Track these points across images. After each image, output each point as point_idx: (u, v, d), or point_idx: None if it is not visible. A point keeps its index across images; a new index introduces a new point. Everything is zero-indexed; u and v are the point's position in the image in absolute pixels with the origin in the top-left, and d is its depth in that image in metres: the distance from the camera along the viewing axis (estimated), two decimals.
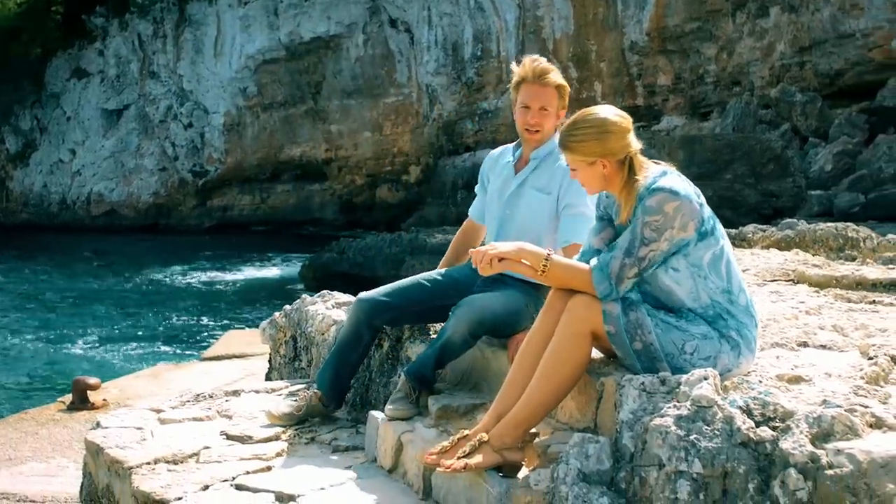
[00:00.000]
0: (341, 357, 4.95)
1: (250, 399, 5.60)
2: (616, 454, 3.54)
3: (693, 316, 3.84)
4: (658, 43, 33.11)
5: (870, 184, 21.62)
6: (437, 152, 40.13)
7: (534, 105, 4.79)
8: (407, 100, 40.93)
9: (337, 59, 42.13)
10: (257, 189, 45.70)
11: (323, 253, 29.54)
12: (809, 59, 29.05)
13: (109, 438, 4.85)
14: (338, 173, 43.65)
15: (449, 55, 39.18)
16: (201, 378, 11.28)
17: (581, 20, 35.22)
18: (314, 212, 44.40)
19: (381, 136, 41.89)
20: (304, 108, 43.61)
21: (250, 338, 14.83)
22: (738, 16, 31.05)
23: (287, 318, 6.93)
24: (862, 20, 27.55)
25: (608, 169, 3.87)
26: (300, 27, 42.20)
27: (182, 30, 45.52)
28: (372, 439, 4.57)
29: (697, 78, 32.46)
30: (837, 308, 5.52)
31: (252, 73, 43.81)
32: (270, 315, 7.37)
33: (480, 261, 3.85)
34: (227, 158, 45.13)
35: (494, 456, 3.75)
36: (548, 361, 3.77)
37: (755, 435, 3.27)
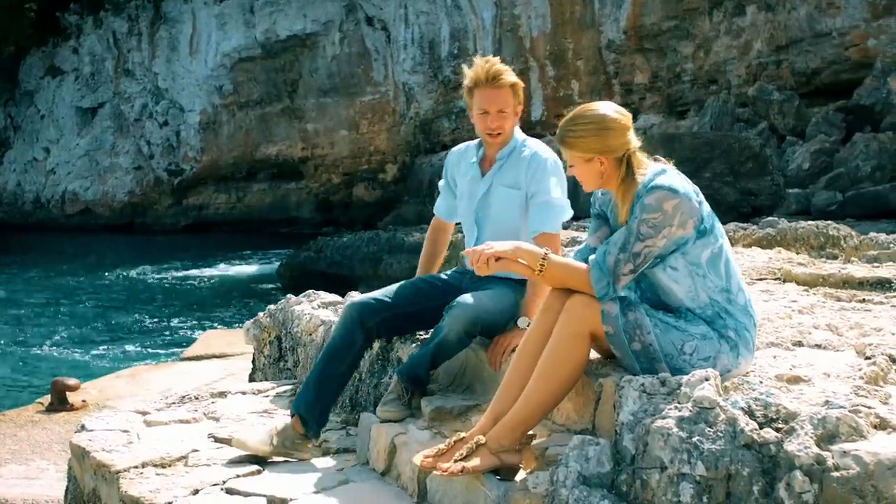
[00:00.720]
0: (328, 367, 4.66)
1: (236, 401, 5.53)
2: (616, 456, 3.48)
3: (692, 316, 3.80)
4: (635, 41, 33.15)
5: (847, 182, 21.66)
6: (414, 151, 40.05)
7: (492, 109, 4.71)
8: (383, 98, 40.82)
9: (313, 58, 41.97)
10: (233, 188, 45.47)
11: (300, 252, 29.39)
12: (786, 57, 29.14)
13: (95, 441, 4.76)
14: (314, 172, 43.49)
15: (426, 53, 39.11)
16: (181, 378, 11.18)
17: (558, 18, 35.22)
18: (290, 211, 44.22)
19: (357, 135, 41.76)
20: (280, 106, 43.42)
21: (230, 337, 14.74)
22: (714, 14, 31.12)
23: (272, 319, 6.86)
24: (838, 19, 27.66)
25: (605, 166, 3.82)
26: (276, 25, 42.00)
27: (157, 27, 45.24)
28: (364, 441, 4.50)
29: (674, 76, 32.51)
30: (830, 307, 5.49)
31: (228, 72, 43.58)
32: (249, 315, 7.29)
33: (477, 261, 3.79)
34: (203, 157, 44.88)
35: (492, 459, 3.69)
36: (546, 362, 3.71)
37: (759, 437, 3.22)
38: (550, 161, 4.76)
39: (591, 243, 4.00)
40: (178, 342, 19.53)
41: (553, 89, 35.94)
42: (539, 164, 4.73)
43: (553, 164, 4.75)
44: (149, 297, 27.50)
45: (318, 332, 5.70)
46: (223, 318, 23.18)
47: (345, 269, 27.47)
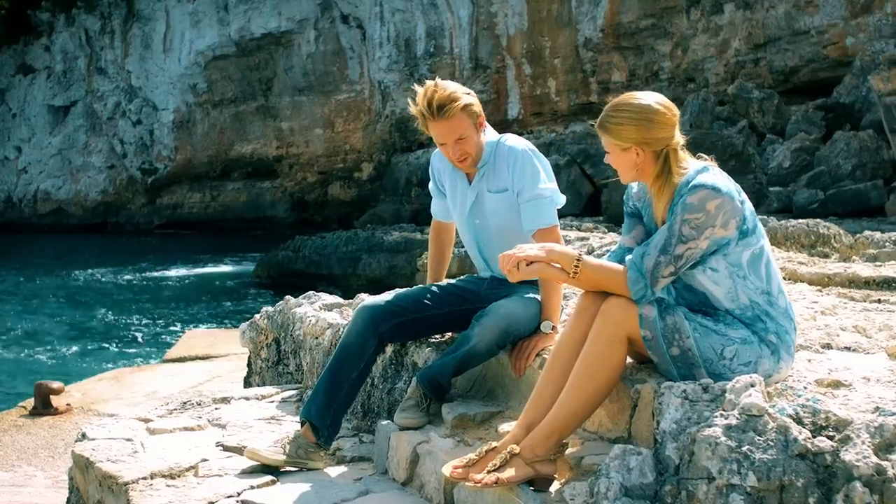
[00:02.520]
0: (340, 372, 4.47)
1: (241, 407, 5.35)
2: (658, 466, 3.33)
3: (731, 319, 3.65)
4: (612, 39, 33.14)
5: (828, 180, 21.67)
6: (390, 149, 39.91)
7: (448, 140, 4.48)
8: (359, 96, 40.68)
9: (288, 56, 41.79)
10: (207, 187, 45.23)
11: (278, 251, 29.22)
12: (764, 56, 29.18)
13: (99, 451, 4.56)
14: (289, 171, 43.30)
15: (401, 51, 39.00)
16: (166, 381, 11.02)
17: (535, 16, 35.17)
18: (265, 210, 44.01)
19: (332, 133, 41.60)
20: (254, 104, 43.22)
21: (212, 338, 14.58)
22: (692, 13, 31.14)
23: (269, 321, 6.68)
24: (816, 17, 27.73)
25: (642, 158, 3.67)
26: (251, 23, 41.81)
27: (130, 25, 44.94)
28: (383, 450, 4.32)
29: (652, 75, 32.51)
30: (852, 308, 5.37)
31: (202, 70, 43.34)
32: (228, 315, 7.11)
33: (508, 265, 3.62)
34: (177, 156, 44.63)
35: (527, 469, 3.53)
36: (581, 368, 3.56)
37: (813, 446, 3.08)
38: (527, 151, 4.57)
39: (626, 243, 3.85)
40: (157, 343, 19.30)
41: (530, 87, 35.89)
42: (517, 159, 4.53)
43: (530, 154, 4.56)
44: (125, 297, 27.22)
45: (326, 335, 5.52)
46: (202, 318, 22.95)
47: (323, 269, 27.32)
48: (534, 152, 4.58)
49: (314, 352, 5.60)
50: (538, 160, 4.56)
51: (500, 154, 4.59)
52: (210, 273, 32.49)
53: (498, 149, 4.61)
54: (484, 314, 4.35)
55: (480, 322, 4.32)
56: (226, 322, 21.81)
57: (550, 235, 4.42)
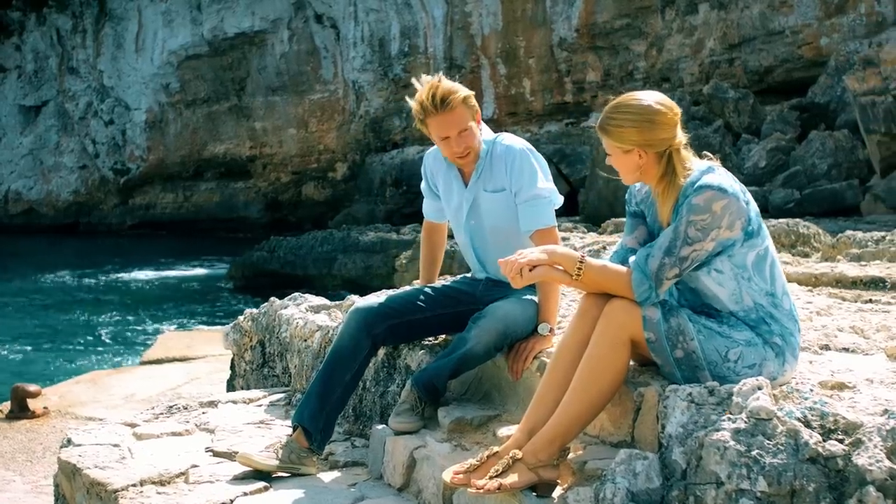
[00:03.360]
0: (332, 376, 4.38)
1: (229, 411, 5.25)
2: (664, 471, 3.27)
3: (735, 321, 3.59)
4: (587, 39, 33.16)
5: (804, 180, 21.74)
6: (365, 149, 39.79)
7: (452, 133, 4.41)
8: (333, 96, 40.54)
9: (261, 55, 41.62)
10: (180, 187, 44.98)
11: (252, 252, 29.05)
12: (739, 56, 29.27)
13: (86, 457, 4.46)
14: (262, 171, 43.12)
15: (375, 51, 38.89)
16: (144, 383, 10.92)
17: (510, 16, 35.15)
18: (238, 210, 43.80)
19: (306, 133, 41.45)
20: (227, 104, 43.01)
21: (188, 339, 14.48)
22: (667, 13, 31.20)
23: (254, 323, 6.59)
24: (791, 17, 27.84)
25: (644, 160, 3.61)
26: (224, 22, 41.61)
27: (102, 24, 44.63)
28: (377, 455, 4.24)
29: (627, 74, 32.55)
30: (846, 308, 5.34)
31: (174, 69, 43.10)
32: (202, 316, 7.01)
33: (510, 271, 3.54)
34: (150, 156, 44.37)
35: (530, 475, 3.45)
36: (585, 371, 3.49)
37: (824, 450, 3.03)
38: (525, 151, 4.51)
39: (628, 244, 3.78)
40: (133, 345, 19.14)
41: (504, 87, 35.86)
42: (514, 159, 4.47)
43: (528, 153, 4.50)
44: (97, 299, 27.00)
45: (315, 337, 5.43)
46: (177, 319, 22.77)
47: (298, 269, 27.21)
48: (532, 151, 4.52)
49: (303, 354, 5.51)
50: (536, 160, 4.49)
51: (497, 153, 4.52)
52: (184, 274, 32.29)
53: (494, 148, 4.54)
54: (481, 316, 4.27)
55: (478, 324, 4.24)
56: (201, 323, 21.67)
57: (548, 236, 4.36)
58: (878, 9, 26.02)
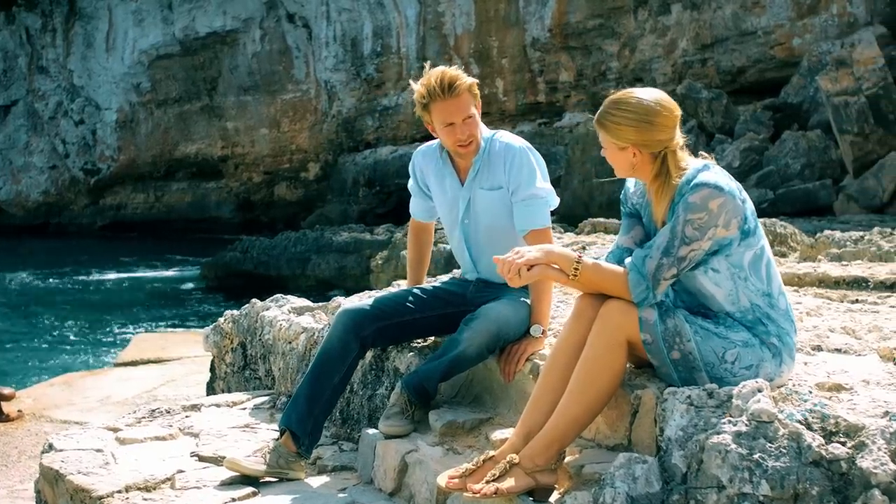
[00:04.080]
0: (320, 379, 4.31)
1: (213, 414, 5.17)
2: (664, 475, 3.23)
3: (731, 321, 3.56)
4: (560, 39, 33.14)
5: (777, 180, 21.81)
6: (337, 149, 39.63)
7: (457, 119, 4.36)
8: (305, 96, 40.36)
9: (233, 55, 41.39)
10: (151, 187, 44.65)
11: (225, 252, 28.88)
12: (711, 56, 29.34)
13: (69, 463, 4.36)
14: (234, 171, 42.86)
15: (348, 51, 38.74)
16: (119, 385, 10.81)
17: (482, 16, 35.09)
18: (210, 210, 43.51)
19: (278, 133, 41.23)
20: (199, 104, 42.74)
21: (162, 341, 14.35)
22: (639, 13, 31.22)
23: (235, 325, 6.51)
24: (763, 18, 27.92)
25: (638, 158, 3.56)
26: (195, 22, 41.35)
27: (72, 23, 44.26)
28: (367, 459, 4.18)
29: (599, 75, 32.56)
30: (836, 309, 5.32)
31: (145, 69, 42.80)
32: (176, 317, 6.93)
33: (508, 270, 3.49)
34: (120, 156, 44.02)
35: (527, 479, 3.40)
36: (581, 374, 3.45)
37: (827, 453, 3.00)
38: (524, 149, 4.46)
39: (624, 244, 3.73)
40: (105, 346, 18.98)
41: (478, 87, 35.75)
42: (514, 157, 4.42)
43: (528, 152, 4.46)
44: (69, 300, 26.76)
45: (300, 339, 5.36)
46: (149, 321, 22.60)
47: (272, 270, 27.08)
48: (531, 150, 4.47)
49: (287, 357, 5.44)
50: (535, 159, 4.44)
51: (496, 150, 4.46)
52: (156, 275, 32.07)
53: (492, 144, 4.48)
54: (473, 317, 4.21)
55: (470, 326, 4.18)
56: (174, 325, 21.52)
57: (543, 237, 4.31)
58: (850, 9, 26.13)
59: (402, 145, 36.74)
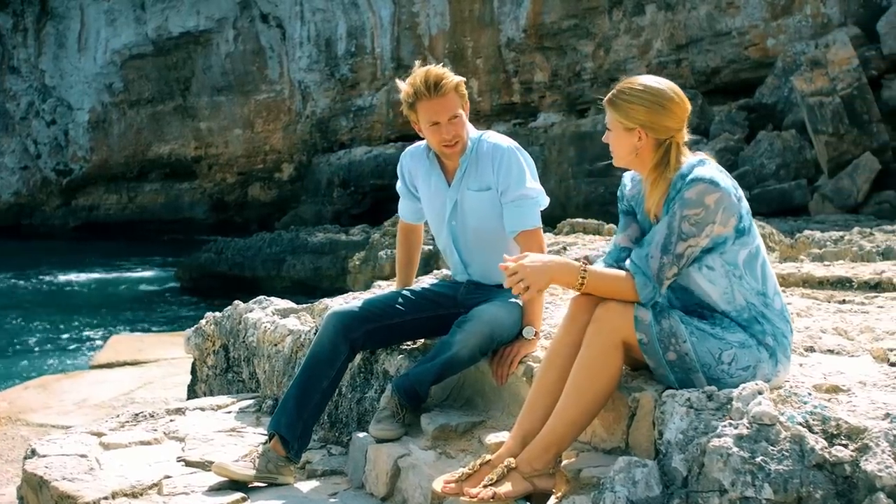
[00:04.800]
0: (309, 382, 4.25)
1: (197, 418, 5.10)
2: (664, 479, 3.18)
3: (727, 321, 3.52)
4: (535, 40, 33.14)
5: (753, 180, 21.85)
6: (311, 150, 39.50)
7: (442, 119, 4.32)
8: (279, 96, 40.22)
9: (206, 55, 41.20)
10: (124, 188, 44.38)
11: (200, 253, 28.70)
12: (686, 56, 29.40)
13: (53, 469, 4.28)
14: (208, 171, 42.65)
15: (322, 51, 38.63)
16: (96, 388, 10.71)
17: (457, 16, 35.06)
18: (184, 211, 43.28)
19: (252, 134, 41.07)
20: (172, 104, 42.52)
21: (138, 343, 14.23)
22: (614, 13, 31.26)
23: (217, 327, 6.43)
24: (738, 18, 27.99)
25: (643, 143, 3.52)
26: (168, 22, 41.14)
27: (44, 23, 43.95)
28: (358, 463, 4.11)
29: (574, 75, 32.58)
30: (825, 309, 5.30)
31: (118, 69, 42.54)
32: (150, 319, 6.84)
33: (516, 289, 3.44)
34: (93, 156, 43.75)
35: (525, 484, 3.36)
36: (578, 376, 3.40)
37: (831, 455, 2.96)
38: (513, 149, 4.42)
39: (621, 242, 3.70)
40: (79, 349, 18.81)
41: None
42: (502, 157, 4.37)
43: (516, 152, 4.41)
44: (41, 302, 26.50)
45: (286, 342, 5.29)
46: (123, 323, 22.42)
47: (246, 271, 26.94)
48: (519, 150, 4.42)
49: (273, 360, 5.37)
50: (524, 159, 4.39)
51: (484, 151, 4.41)
52: (130, 276, 31.85)
53: (480, 145, 4.43)
54: (466, 319, 4.16)
55: (463, 328, 4.12)
56: (149, 326, 21.37)
57: (533, 237, 4.27)
58: (823, 10, 26.22)
59: (377, 146, 36.66)
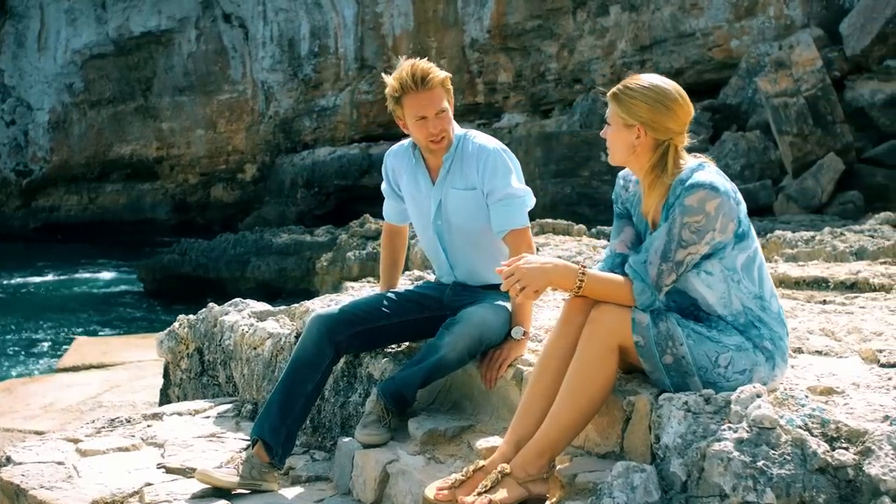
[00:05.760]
0: (294, 386, 4.17)
1: (175, 423, 5.00)
2: (662, 484, 3.13)
3: (724, 325, 3.47)
4: (499, 40, 33.13)
5: None
6: (274, 150, 39.26)
7: (429, 113, 4.26)
8: (242, 97, 39.96)
9: (168, 55, 40.87)
10: (85, 189, 43.93)
11: (163, 254, 28.41)
12: (650, 57, 29.47)
13: (30, 477, 4.17)
14: (170, 172, 42.31)
15: (285, 51, 38.43)
16: (63, 392, 10.58)
17: (421, 17, 34.98)
18: (146, 212, 42.89)
19: (214, 134, 40.78)
20: (133, 105, 42.15)
21: (104, 346, 14.08)
22: (578, 14, 31.29)
23: (191, 329, 6.33)
24: (702, 20, 28.10)
25: (641, 141, 3.47)
26: (129, 21, 40.78)
27: (2, 23, 43.42)
28: (344, 469, 4.04)
29: (538, 76, 32.59)
30: (809, 310, 5.28)
31: (78, 69, 42.13)
32: (113, 321, 6.73)
33: (514, 292, 3.38)
34: (53, 157, 43.30)
35: (520, 490, 3.30)
36: (573, 380, 3.34)
37: (833, 459, 2.92)
38: (499, 150, 4.36)
39: (617, 248, 3.64)
40: (42, 352, 18.56)
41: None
42: (488, 157, 4.31)
43: (502, 153, 4.35)
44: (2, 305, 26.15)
45: (266, 345, 5.20)
46: (86, 325, 22.16)
47: (211, 272, 26.72)
48: (505, 151, 4.36)
49: (252, 363, 5.28)
50: (510, 159, 4.34)
51: (468, 150, 4.35)
52: (92, 278, 31.53)
53: (465, 144, 4.37)
54: (454, 322, 4.09)
55: (451, 330, 4.05)
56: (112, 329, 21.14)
57: (521, 237, 4.21)
58: (786, 12, 26.37)
59: (341, 146, 36.50)
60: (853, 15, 23.24)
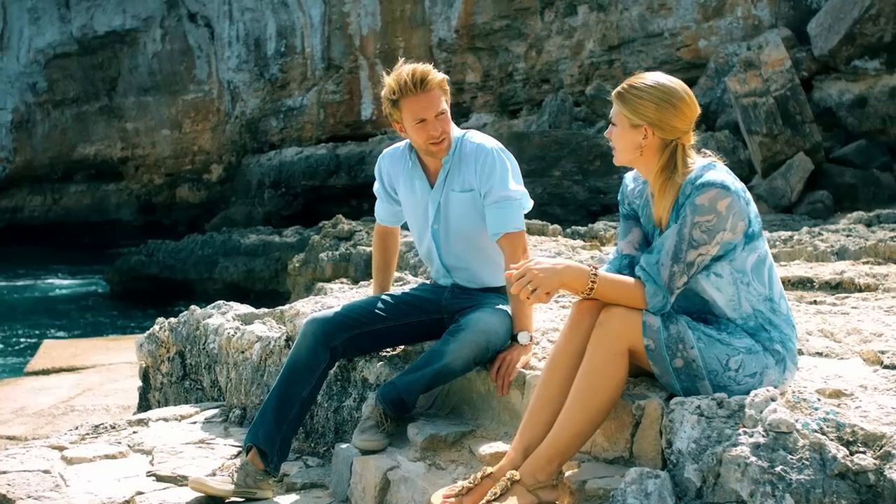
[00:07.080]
0: (289, 391, 4.07)
1: (162, 429, 4.88)
2: (676, 490, 3.06)
3: (734, 327, 3.40)
4: (466, 40, 33.09)
5: None
6: (241, 150, 39.06)
7: (429, 115, 4.18)
8: (207, 97, 39.75)
9: (133, 55, 40.61)
10: (49, 189, 43.60)
11: (130, 256, 28.16)
12: (618, 57, 29.51)
13: (17, 486, 4.05)
14: (135, 172, 42.03)
15: (251, 51, 38.24)
16: (33, 396, 10.43)
17: (388, 17, 34.88)
18: (110, 213, 42.60)
19: (180, 134, 40.54)
20: (98, 105, 41.86)
21: (73, 348, 13.92)
22: (546, 14, 31.29)
23: (172, 333, 6.21)
24: (670, 20, 28.16)
25: (648, 141, 3.39)
26: (94, 20, 40.48)
27: None
28: (342, 476, 3.94)
29: (506, 76, 32.56)
30: (804, 311, 5.23)
31: (42, 69, 41.79)
32: (79, 324, 6.61)
33: (525, 295, 3.28)
34: (16, 157, 42.94)
35: (530, 497, 3.22)
36: (582, 385, 3.27)
37: (853, 464, 2.86)
38: (497, 150, 4.28)
39: (624, 250, 3.56)
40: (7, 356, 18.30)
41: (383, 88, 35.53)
42: (486, 158, 4.23)
43: (500, 153, 4.28)
44: None
45: (254, 349, 5.09)
46: (53, 328, 21.90)
47: (178, 273, 26.54)
48: (503, 151, 4.28)
49: (240, 367, 5.17)
50: (508, 160, 4.25)
51: (467, 151, 4.27)
52: (57, 281, 31.20)
53: (463, 145, 4.29)
54: (460, 328, 3.99)
55: (457, 337, 3.96)
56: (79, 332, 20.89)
57: (517, 240, 4.12)
58: (754, 12, 26.47)
59: (308, 146, 36.33)
60: (821, 15, 23.33)
